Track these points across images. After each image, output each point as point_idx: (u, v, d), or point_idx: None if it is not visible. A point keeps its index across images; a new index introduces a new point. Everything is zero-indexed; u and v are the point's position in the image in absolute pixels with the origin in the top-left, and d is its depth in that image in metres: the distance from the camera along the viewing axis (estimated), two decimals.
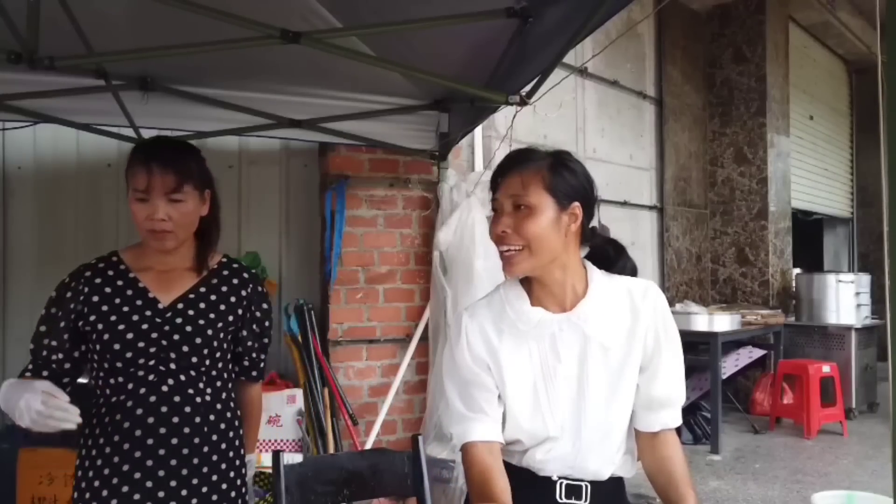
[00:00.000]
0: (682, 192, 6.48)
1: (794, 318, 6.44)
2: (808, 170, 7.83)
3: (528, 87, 2.20)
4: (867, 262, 8.94)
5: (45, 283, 3.27)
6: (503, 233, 1.27)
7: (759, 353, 5.86)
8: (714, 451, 4.83)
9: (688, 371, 1.37)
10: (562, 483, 1.33)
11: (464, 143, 3.82)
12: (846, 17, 7.60)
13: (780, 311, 6.27)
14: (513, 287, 1.37)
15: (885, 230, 1.00)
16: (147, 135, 3.06)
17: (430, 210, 3.75)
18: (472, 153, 4.03)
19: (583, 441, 1.31)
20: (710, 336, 4.94)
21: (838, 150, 8.90)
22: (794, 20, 7.31)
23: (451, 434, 1.37)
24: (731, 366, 5.52)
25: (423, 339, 3.67)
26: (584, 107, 5.38)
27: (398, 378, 3.62)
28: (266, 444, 3.21)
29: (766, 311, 6.01)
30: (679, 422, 1.35)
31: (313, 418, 3.31)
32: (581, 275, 1.34)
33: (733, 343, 5.63)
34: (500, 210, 1.30)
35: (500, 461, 1.31)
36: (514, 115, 2.57)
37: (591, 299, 1.32)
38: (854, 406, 5.90)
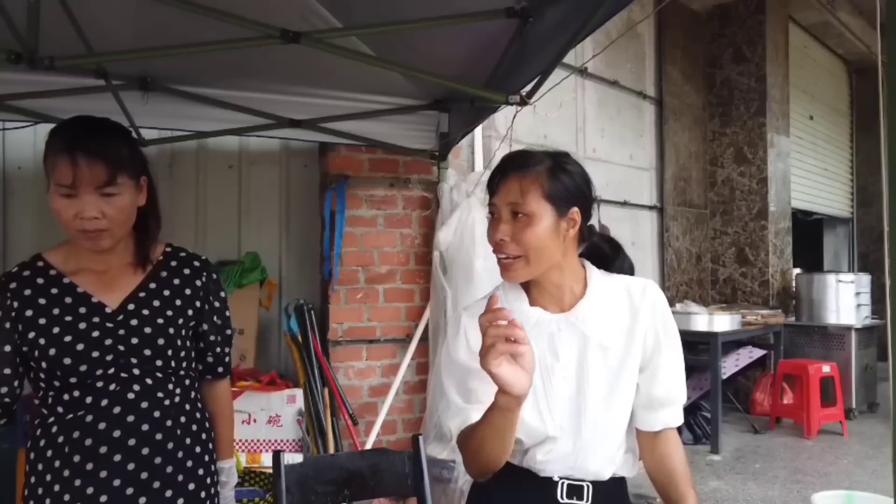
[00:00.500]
0: (682, 192, 6.48)
1: (794, 318, 6.44)
2: (808, 170, 7.83)
3: (528, 87, 2.20)
4: (867, 262, 8.94)
5: None
6: (501, 241, 1.27)
7: (759, 353, 5.86)
8: (714, 451, 4.83)
9: (688, 371, 1.37)
10: (563, 483, 1.33)
11: (464, 143, 3.83)
12: (846, 17, 7.60)
13: (780, 311, 6.27)
14: (511, 287, 1.37)
15: (886, 230, 1.01)
16: (147, 135, 3.06)
17: (430, 210, 3.75)
18: (472, 153, 4.03)
19: (583, 441, 1.31)
20: (710, 336, 4.94)
21: (838, 150, 8.90)
22: (794, 20, 7.31)
23: (449, 430, 1.36)
24: (731, 366, 5.52)
25: (424, 339, 3.67)
26: (584, 107, 5.38)
27: (398, 378, 3.62)
28: (266, 444, 3.21)
29: (766, 311, 6.01)
30: (680, 421, 1.35)
31: (313, 418, 3.31)
32: (579, 275, 1.34)
33: (733, 343, 5.63)
34: (498, 216, 1.29)
35: None
36: (515, 115, 2.58)
37: (589, 299, 1.31)
38: (854, 406, 5.90)
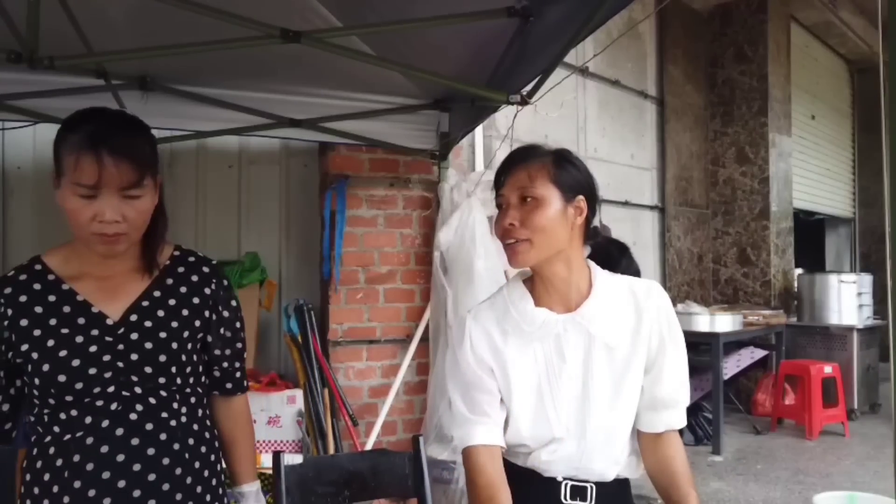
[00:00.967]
0: (684, 191, 6.47)
1: (795, 319, 6.43)
2: (809, 170, 7.82)
3: (528, 87, 2.20)
4: (869, 262, 8.93)
5: None
6: (510, 225, 1.27)
7: (760, 353, 5.85)
8: (715, 451, 4.83)
9: (689, 371, 1.37)
10: (567, 484, 1.33)
11: (464, 142, 3.82)
12: (848, 17, 7.59)
13: (781, 311, 6.26)
14: (516, 288, 1.36)
15: (887, 230, 1.00)
16: None
17: (430, 210, 3.74)
18: (473, 153, 4.02)
19: (587, 442, 1.30)
20: (712, 336, 4.93)
21: (840, 149, 8.89)
22: (796, 20, 7.31)
23: (451, 436, 1.37)
24: (732, 366, 5.51)
25: (424, 339, 3.66)
26: (586, 106, 5.37)
27: (398, 379, 3.62)
28: (266, 445, 3.21)
29: (767, 312, 6.00)
30: (683, 422, 1.34)
31: (313, 419, 3.31)
32: (585, 274, 1.34)
33: (735, 343, 5.62)
34: (507, 204, 1.30)
35: (502, 468, 1.31)
36: (515, 115, 2.57)
37: (595, 299, 1.31)
38: (856, 407, 5.89)
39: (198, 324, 1.34)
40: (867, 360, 6.09)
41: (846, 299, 6.10)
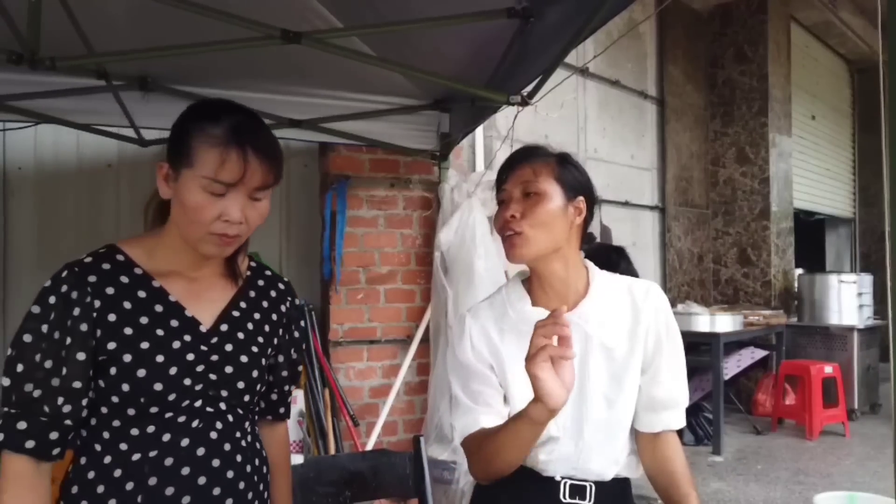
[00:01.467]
0: (684, 192, 6.47)
1: (796, 319, 6.43)
2: (810, 170, 7.82)
3: (529, 87, 2.20)
4: (869, 262, 8.93)
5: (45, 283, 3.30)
6: (511, 217, 1.28)
7: (761, 353, 5.85)
8: (716, 452, 4.83)
9: (689, 372, 1.37)
10: (565, 483, 1.33)
11: (465, 143, 3.82)
12: (848, 17, 7.59)
13: (782, 311, 6.26)
14: (514, 288, 1.37)
15: (887, 230, 1.00)
16: (148, 135, 3.06)
17: (430, 210, 3.75)
18: (473, 153, 4.02)
19: (585, 441, 1.31)
20: (712, 337, 4.93)
21: (840, 149, 8.89)
22: (796, 20, 7.31)
23: (452, 436, 1.36)
24: (732, 366, 5.51)
25: (424, 339, 3.66)
26: (586, 107, 5.37)
27: (399, 379, 3.62)
28: None
29: (768, 312, 6.00)
30: (682, 423, 1.34)
31: (314, 419, 3.31)
32: (582, 273, 1.34)
33: (735, 344, 5.62)
34: (509, 199, 1.31)
35: None
36: (516, 116, 2.57)
37: (592, 298, 1.32)
38: (856, 407, 5.89)
39: (275, 341, 1.26)
40: (867, 360, 6.09)
41: (846, 299, 6.10)
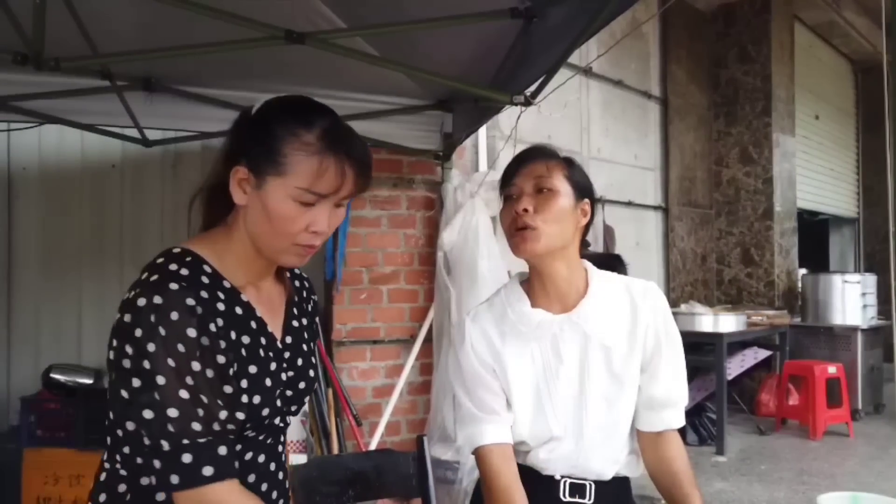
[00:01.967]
0: (687, 192, 6.46)
1: (799, 319, 6.41)
2: (813, 169, 7.80)
3: (532, 87, 2.20)
4: (873, 262, 8.90)
5: (50, 283, 3.31)
6: (524, 210, 1.27)
7: (764, 353, 5.84)
8: (719, 452, 4.82)
9: (693, 372, 1.38)
10: (565, 482, 1.34)
11: (468, 143, 3.82)
12: (852, 17, 7.57)
13: (785, 311, 6.24)
14: (514, 289, 1.38)
15: (891, 230, 1.00)
16: (152, 136, 3.07)
17: (433, 210, 3.75)
18: (476, 153, 4.02)
19: (585, 440, 1.32)
20: (716, 337, 4.91)
21: (844, 149, 8.87)
22: (800, 19, 7.29)
23: (455, 436, 1.37)
24: (736, 367, 5.50)
25: (428, 339, 3.66)
26: (589, 107, 5.37)
27: (402, 379, 3.62)
28: None
29: (771, 312, 5.99)
30: (682, 422, 1.35)
31: (317, 419, 3.31)
32: (582, 274, 1.35)
33: (739, 344, 5.61)
34: (520, 193, 1.30)
35: (516, 469, 1.32)
36: (519, 116, 2.57)
37: (591, 298, 1.32)
38: (860, 407, 5.87)
39: (312, 345, 1.19)
40: (871, 360, 6.07)
41: (850, 299, 6.08)
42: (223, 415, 0.94)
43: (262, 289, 1.09)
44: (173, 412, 0.90)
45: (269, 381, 1.03)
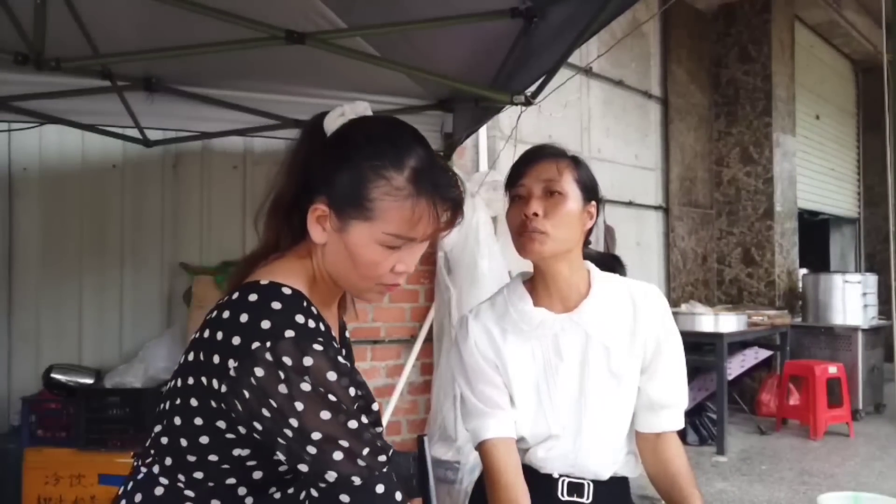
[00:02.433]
0: (688, 192, 6.46)
1: (800, 319, 6.41)
2: (814, 169, 7.80)
3: (533, 87, 2.20)
4: (874, 262, 8.90)
5: (50, 283, 3.31)
6: (534, 214, 1.26)
7: (765, 353, 5.84)
8: (720, 452, 4.82)
9: (693, 372, 1.39)
10: (563, 481, 1.34)
11: (468, 143, 3.82)
12: (852, 17, 7.57)
13: (786, 311, 6.24)
14: (516, 288, 1.38)
15: (892, 230, 1.00)
16: (152, 136, 3.07)
17: None
18: (477, 154, 4.02)
19: (583, 440, 1.32)
20: (716, 337, 4.91)
21: (845, 149, 8.86)
22: (800, 19, 7.29)
23: (456, 435, 1.38)
24: (737, 367, 5.50)
25: (428, 339, 3.67)
26: (590, 106, 5.37)
27: (403, 379, 3.62)
28: None
29: (772, 312, 5.98)
30: (681, 424, 1.36)
31: None
32: (584, 275, 1.36)
33: (739, 344, 5.61)
34: (529, 195, 1.29)
35: (520, 464, 1.32)
36: (519, 116, 2.57)
37: (593, 299, 1.33)
38: (861, 407, 5.87)
39: None
40: (872, 360, 6.07)
41: (851, 299, 6.08)
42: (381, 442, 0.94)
43: (332, 311, 1.07)
44: (355, 449, 0.88)
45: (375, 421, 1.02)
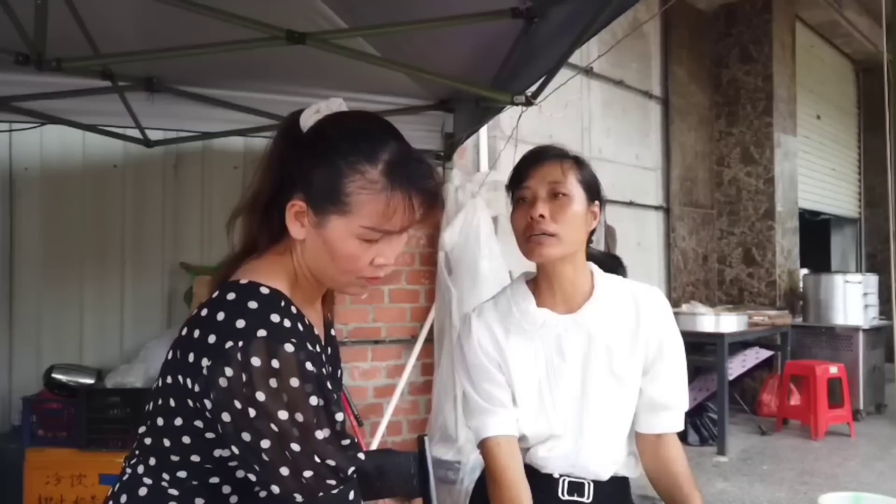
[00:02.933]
0: (689, 192, 6.46)
1: (801, 319, 6.40)
2: (815, 169, 7.79)
3: (533, 88, 2.21)
4: (875, 262, 8.90)
5: (51, 283, 3.31)
6: (541, 217, 1.27)
7: (766, 353, 5.83)
8: (721, 452, 4.81)
9: (694, 372, 1.39)
10: (564, 480, 1.35)
11: (469, 143, 3.82)
12: (853, 17, 7.57)
13: (787, 311, 6.24)
14: (519, 288, 1.38)
15: (892, 230, 1.00)
16: (153, 136, 3.06)
17: None
18: (478, 154, 4.02)
19: (584, 440, 1.33)
20: (717, 337, 4.91)
21: (846, 149, 8.86)
22: (801, 19, 7.28)
23: (457, 435, 1.38)
24: (737, 367, 5.49)
25: (429, 339, 3.66)
26: (590, 107, 5.37)
27: (403, 379, 3.62)
28: None
29: (773, 312, 5.98)
30: (681, 426, 1.37)
31: None
32: (587, 276, 1.36)
33: (740, 344, 5.60)
34: (534, 196, 1.30)
35: (521, 462, 1.33)
36: (520, 116, 2.57)
37: (596, 300, 1.33)
38: (862, 407, 5.86)
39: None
40: (873, 360, 6.06)
41: (852, 299, 6.08)
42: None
43: (315, 309, 1.07)
44: (309, 471, 0.89)
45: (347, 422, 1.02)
